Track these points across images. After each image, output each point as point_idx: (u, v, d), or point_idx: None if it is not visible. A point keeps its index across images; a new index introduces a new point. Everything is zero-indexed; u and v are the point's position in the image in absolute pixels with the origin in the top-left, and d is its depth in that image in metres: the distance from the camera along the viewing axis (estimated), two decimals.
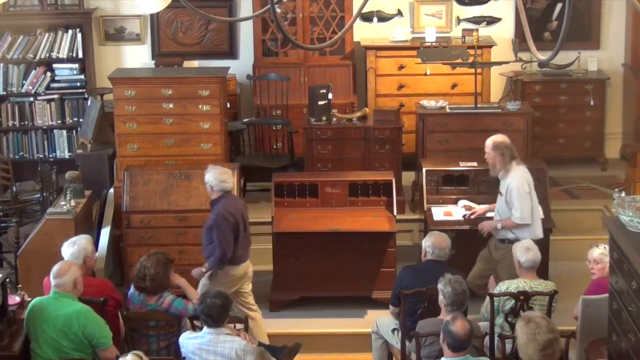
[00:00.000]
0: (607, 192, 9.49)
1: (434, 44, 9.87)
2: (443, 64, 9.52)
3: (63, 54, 10.34)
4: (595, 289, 6.65)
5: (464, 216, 8.12)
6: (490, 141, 7.72)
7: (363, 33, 10.45)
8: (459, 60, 9.27)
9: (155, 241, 8.00)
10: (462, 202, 8.35)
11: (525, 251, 6.80)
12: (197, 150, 8.76)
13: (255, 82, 10.23)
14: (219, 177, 7.35)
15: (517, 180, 7.58)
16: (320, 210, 8.32)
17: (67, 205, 8.01)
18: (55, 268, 6.30)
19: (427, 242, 6.94)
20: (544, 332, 5.49)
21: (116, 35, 10.66)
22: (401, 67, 10.16)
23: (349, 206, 8.35)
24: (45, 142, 10.52)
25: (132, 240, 8.26)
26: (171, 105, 8.74)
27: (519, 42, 8.94)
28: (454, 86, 10.09)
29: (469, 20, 10.43)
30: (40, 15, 10.32)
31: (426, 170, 8.49)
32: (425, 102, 9.48)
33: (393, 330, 7.01)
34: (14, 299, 6.71)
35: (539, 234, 7.66)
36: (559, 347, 5.65)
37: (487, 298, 6.64)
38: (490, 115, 9.27)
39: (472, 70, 9.28)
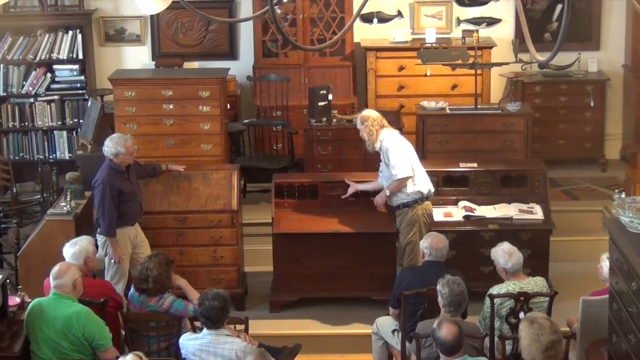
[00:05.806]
0: (607, 193, 9.49)
1: (434, 45, 9.88)
2: (443, 65, 9.52)
3: (63, 55, 10.35)
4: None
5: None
6: (358, 117, 7.98)
7: (363, 34, 10.45)
8: (459, 61, 9.27)
9: (155, 242, 7.98)
10: (462, 203, 8.35)
11: (508, 257, 6.66)
12: (197, 152, 8.77)
13: (256, 83, 10.23)
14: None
15: (387, 141, 7.83)
16: (320, 211, 8.32)
17: (68, 206, 8.00)
18: (54, 269, 6.29)
19: (424, 244, 6.94)
20: (547, 333, 5.48)
21: (116, 36, 10.66)
22: (401, 68, 10.17)
23: (349, 207, 8.35)
24: (46, 143, 10.52)
25: None
26: (171, 106, 8.74)
27: (519, 43, 8.94)
28: (454, 87, 10.09)
29: (469, 21, 10.43)
30: (41, 16, 10.32)
31: (426, 172, 8.48)
32: (425, 103, 9.48)
33: (393, 331, 7.01)
34: (14, 300, 6.70)
35: (431, 187, 7.92)
36: (562, 348, 5.64)
37: (487, 301, 6.62)
38: (491, 116, 9.28)
39: (472, 71, 9.29)
